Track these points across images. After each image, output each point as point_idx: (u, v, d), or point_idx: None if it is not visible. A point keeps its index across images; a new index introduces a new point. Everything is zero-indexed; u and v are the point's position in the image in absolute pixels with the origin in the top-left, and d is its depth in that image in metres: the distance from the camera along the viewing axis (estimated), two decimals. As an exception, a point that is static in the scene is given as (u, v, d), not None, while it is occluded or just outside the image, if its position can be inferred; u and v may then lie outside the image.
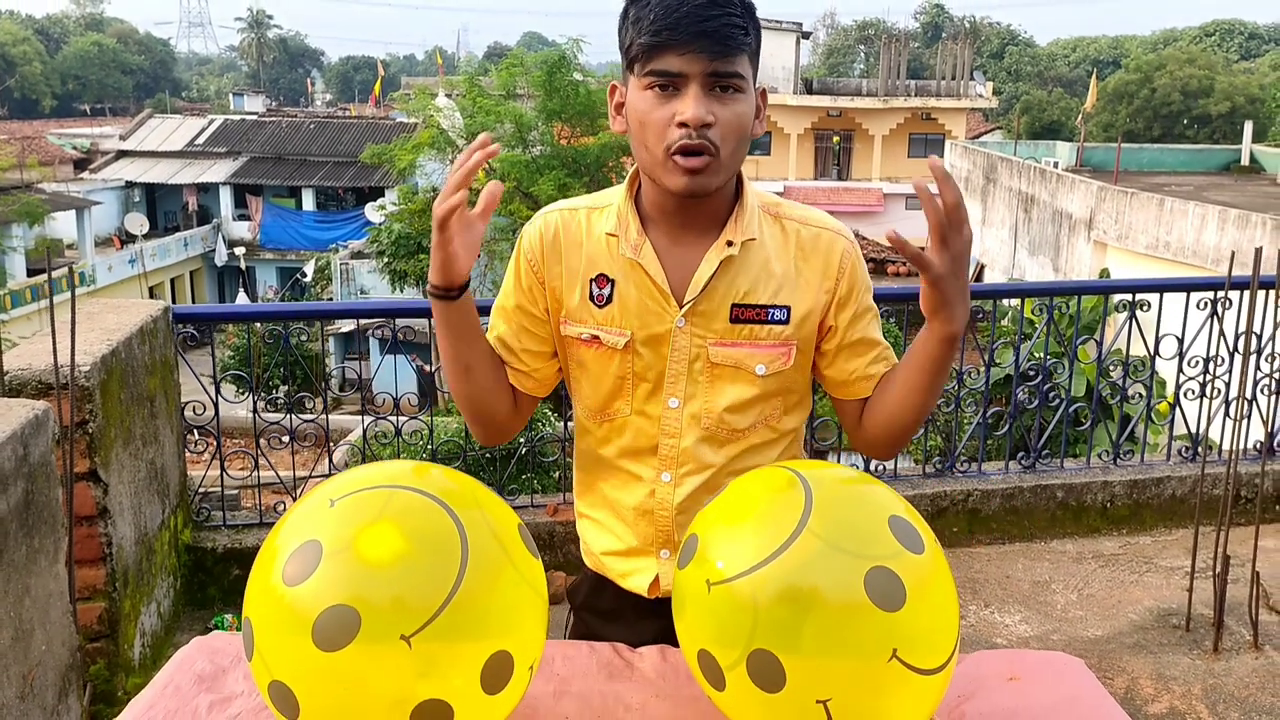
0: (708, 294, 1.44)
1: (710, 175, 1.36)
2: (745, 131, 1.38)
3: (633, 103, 1.38)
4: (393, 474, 1.19)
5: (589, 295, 1.47)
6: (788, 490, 1.18)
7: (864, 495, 1.20)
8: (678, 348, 1.46)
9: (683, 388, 1.47)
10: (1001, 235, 23.45)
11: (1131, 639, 3.35)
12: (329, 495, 1.15)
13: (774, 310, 1.44)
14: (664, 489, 1.51)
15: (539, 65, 24.45)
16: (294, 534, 1.12)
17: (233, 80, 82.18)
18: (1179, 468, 4.19)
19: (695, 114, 1.31)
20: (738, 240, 1.44)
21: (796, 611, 1.09)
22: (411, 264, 22.76)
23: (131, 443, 3.02)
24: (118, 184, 32.39)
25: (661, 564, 1.56)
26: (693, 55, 1.30)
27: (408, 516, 1.12)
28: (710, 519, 1.23)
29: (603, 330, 1.47)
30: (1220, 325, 4.00)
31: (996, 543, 3.99)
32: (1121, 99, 39.35)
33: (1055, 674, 1.43)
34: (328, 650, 1.05)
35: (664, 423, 1.49)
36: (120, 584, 2.89)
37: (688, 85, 1.32)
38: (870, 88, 33.90)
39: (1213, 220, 15.33)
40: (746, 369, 1.46)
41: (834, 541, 1.11)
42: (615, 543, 1.59)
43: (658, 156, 1.36)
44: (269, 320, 3.69)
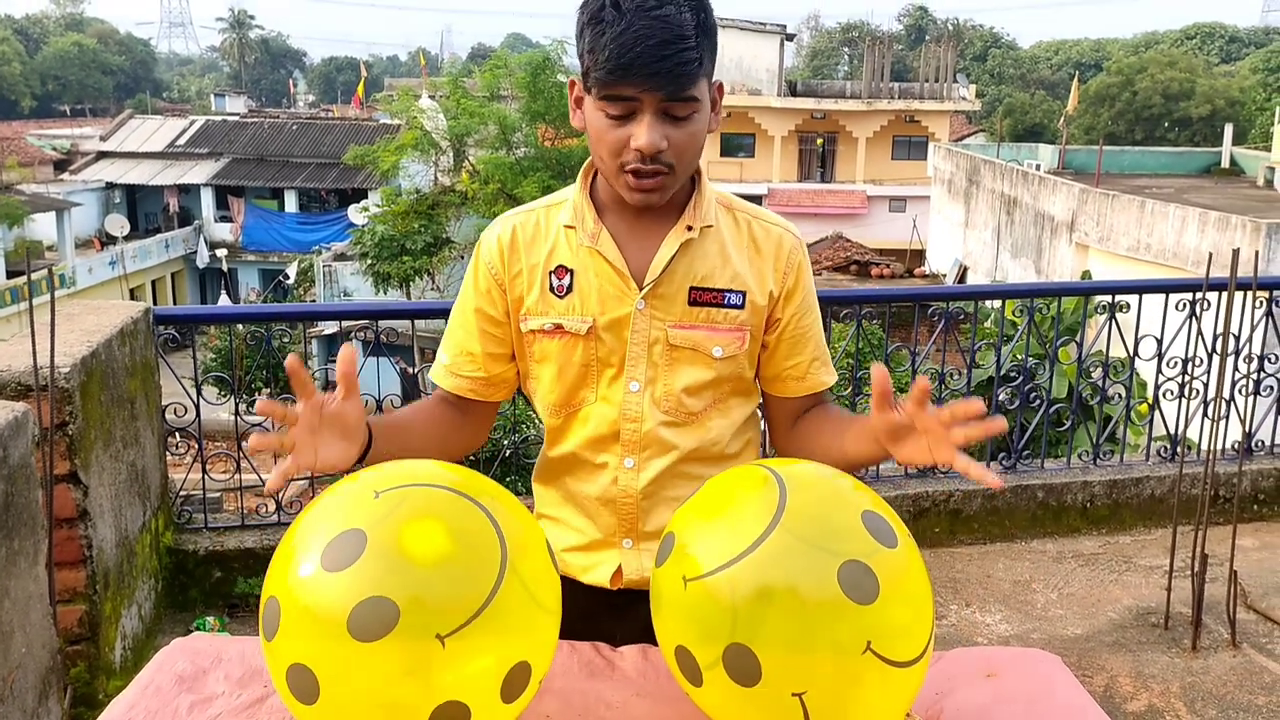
0: (667, 276, 1.47)
1: (663, 192, 1.41)
2: (699, 146, 1.42)
3: (589, 115, 1.41)
4: (433, 474, 1.19)
5: (549, 287, 1.49)
6: (762, 487, 1.19)
7: (837, 491, 1.21)
8: (638, 330, 1.48)
9: (643, 370, 1.49)
10: (984, 237, 23.57)
11: (1111, 637, 3.37)
12: (372, 487, 1.15)
13: (730, 294, 1.48)
14: (627, 475, 1.52)
15: (523, 67, 24.46)
16: (334, 521, 1.12)
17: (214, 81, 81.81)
18: (1158, 468, 4.23)
19: (649, 143, 1.34)
20: (697, 225, 1.47)
21: (771, 606, 1.10)
22: (395, 266, 22.72)
23: (112, 445, 3.00)
24: (98, 185, 32.20)
25: (624, 553, 1.56)
26: (646, 91, 1.33)
27: (452, 517, 1.12)
28: (686, 516, 1.24)
29: (565, 319, 1.49)
30: (1199, 326, 4.04)
31: (978, 543, 4.02)
32: (1103, 102, 39.64)
33: (1032, 670, 1.45)
34: (362, 640, 1.04)
35: (625, 407, 1.50)
36: (101, 586, 2.88)
37: (642, 112, 1.35)
38: (854, 90, 34.01)
39: (1193, 222, 15.45)
40: (704, 351, 1.48)
41: (807, 536, 1.12)
42: (577, 537, 1.59)
43: (612, 169, 1.40)
44: (250, 322, 3.68)
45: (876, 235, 29.91)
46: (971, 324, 4.12)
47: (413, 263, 22.84)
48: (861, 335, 4.00)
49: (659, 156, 1.36)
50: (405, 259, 22.81)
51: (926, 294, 4.32)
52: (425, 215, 23.50)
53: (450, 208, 24.18)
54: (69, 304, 3.43)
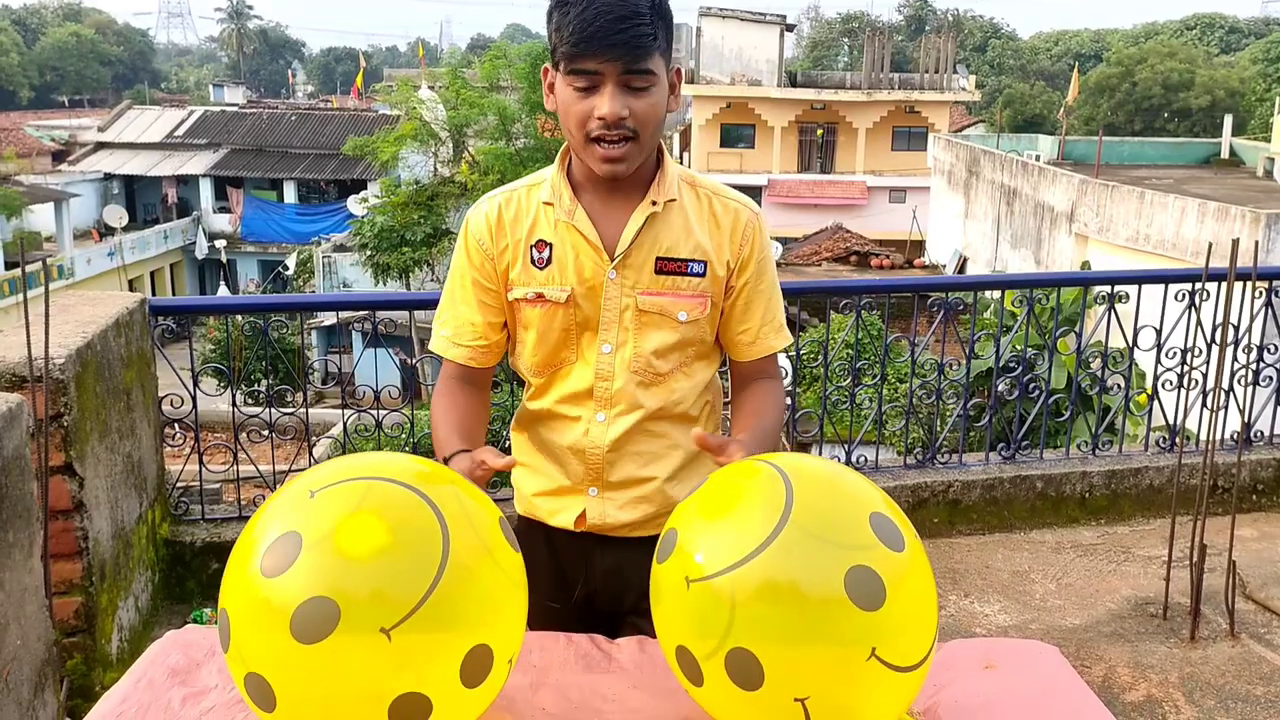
0: (636, 247, 1.61)
1: (629, 161, 1.54)
2: (659, 116, 1.55)
3: (559, 92, 1.55)
4: (373, 465, 1.18)
5: (530, 260, 1.64)
6: (768, 486, 1.17)
7: (845, 491, 1.20)
8: (610, 297, 1.62)
9: (615, 334, 1.64)
10: (984, 228, 23.54)
11: (1109, 628, 3.37)
12: (308, 486, 1.14)
13: (693, 264, 1.62)
14: (597, 428, 1.67)
15: (522, 57, 24.41)
16: (272, 525, 1.12)
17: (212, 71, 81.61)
18: (1156, 458, 4.22)
19: (611, 110, 1.49)
20: (661, 200, 1.61)
21: (776, 610, 1.09)
22: (394, 257, 22.67)
23: (108, 436, 2.99)
24: (96, 176, 32.15)
25: (589, 500, 1.70)
26: (608, 61, 1.47)
27: (389, 508, 1.11)
28: (689, 513, 1.22)
29: (545, 288, 1.63)
30: (1198, 316, 4.02)
31: (976, 533, 4.01)
32: (1103, 92, 39.55)
33: (1030, 662, 1.44)
34: (306, 642, 1.04)
35: (599, 367, 1.65)
36: (97, 578, 2.87)
37: (605, 83, 1.49)
38: (854, 81, 33.91)
39: (1192, 213, 15.42)
40: (670, 315, 1.63)
41: (814, 540, 1.11)
42: (546, 483, 1.74)
43: (580, 141, 1.54)
44: (248, 312, 3.67)
45: (876, 226, 29.86)
46: (971, 315, 4.10)
47: (412, 254, 22.79)
48: (861, 325, 3.99)
49: (622, 123, 1.50)
50: (405, 250, 22.75)
51: (926, 284, 4.31)
52: (425, 206, 23.45)
53: (450, 198, 24.13)
54: (65, 295, 3.41)
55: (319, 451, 7.94)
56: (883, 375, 4.19)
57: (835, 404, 4.15)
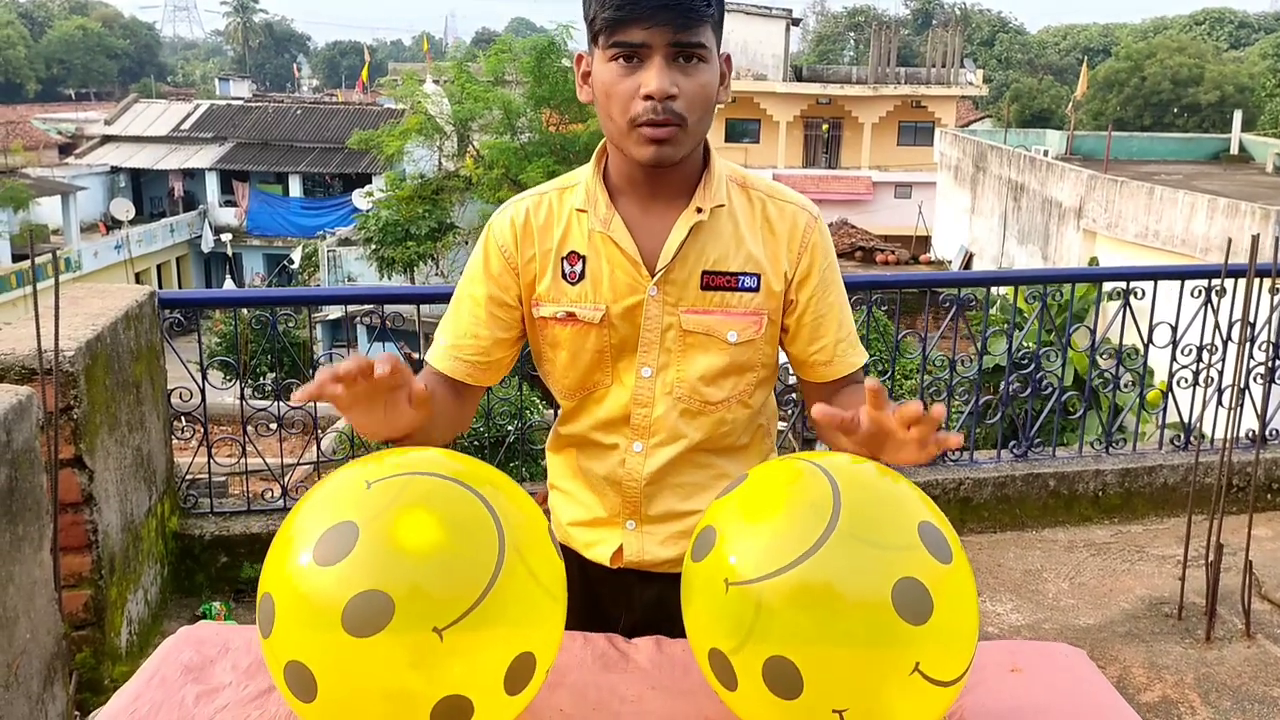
0: (679, 261, 1.44)
1: (676, 145, 1.36)
2: (710, 100, 1.38)
3: (598, 74, 1.37)
4: (430, 461, 1.16)
5: (561, 274, 1.47)
6: (814, 489, 1.13)
7: (893, 498, 1.16)
8: (650, 317, 1.45)
9: (655, 357, 1.47)
10: (991, 224, 23.47)
11: (1124, 628, 3.34)
12: (365, 477, 1.12)
13: (745, 278, 1.45)
14: (634, 459, 1.52)
15: (527, 51, 24.33)
16: (326, 513, 1.09)
17: (218, 65, 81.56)
18: (1171, 456, 4.19)
19: (659, 86, 1.31)
20: (707, 207, 1.44)
21: (820, 622, 1.05)
22: (399, 251, 22.68)
23: (117, 429, 2.98)
24: (103, 169, 32.16)
25: (626, 534, 1.56)
26: (655, 27, 1.30)
27: (447, 506, 1.09)
28: (728, 511, 1.19)
29: (577, 307, 1.47)
30: (1215, 314, 3.99)
31: (988, 531, 3.98)
32: (1112, 87, 39.38)
33: (1058, 666, 1.41)
34: (357, 636, 1.01)
35: (637, 392, 1.49)
36: (106, 571, 2.85)
37: (651, 56, 1.32)
38: (860, 75, 33.84)
39: (1202, 209, 15.35)
40: (718, 336, 1.46)
41: (862, 549, 1.07)
42: (582, 513, 1.59)
43: (623, 127, 1.36)
44: (255, 306, 3.65)
45: (882, 221, 29.79)
46: (982, 311, 4.07)
47: (417, 248, 22.79)
48: (871, 322, 3.96)
49: (670, 105, 1.32)
50: (409, 244, 22.76)
51: (938, 280, 4.29)
52: (429, 200, 23.45)
53: (454, 193, 24.12)
54: (74, 287, 3.40)
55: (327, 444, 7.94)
56: (893, 372, 4.16)
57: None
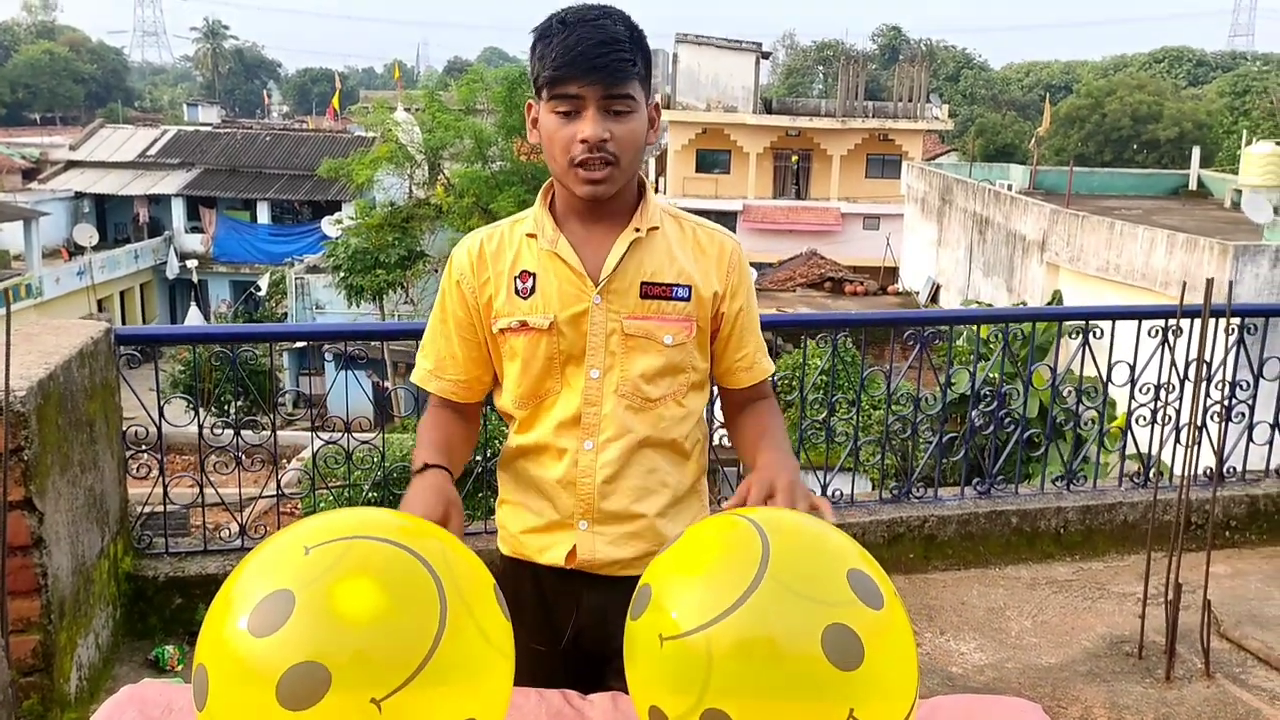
0: (620, 273, 1.64)
1: (610, 183, 1.58)
2: (638, 143, 1.59)
3: (542, 122, 1.59)
4: (371, 523, 1.14)
5: (514, 290, 1.66)
6: (744, 541, 1.14)
7: (822, 547, 1.17)
8: (595, 323, 1.64)
9: (601, 359, 1.64)
10: (957, 256, 23.71)
11: (1085, 667, 3.35)
12: (303, 541, 1.10)
13: (678, 288, 1.65)
14: (586, 457, 1.66)
15: (499, 81, 24.46)
16: (262, 580, 1.07)
17: (187, 91, 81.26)
18: (1131, 493, 4.22)
19: (593, 132, 1.53)
20: (644, 227, 1.65)
21: (751, 671, 1.06)
22: (368, 279, 22.57)
23: (69, 469, 2.92)
24: (67, 195, 31.83)
25: (579, 534, 1.68)
26: (589, 84, 1.52)
27: (387, 570, 1.07)
28: (664, 568, 1.19)
29: (529, 316, 1.65)
30: (1172, 353, 4.04)
31: (952, 569, 3.99)
32: (1073, 123, 40.08)
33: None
34: (293, 708, 0.99)
35: (586, 392, 1.65)
36: (56, 616, 2.79)
37: (586, 108, 1.53)
38: (829, 108, 34.19)
39: (1161, 244, 15.58)
40: (656, 339, 1.64)
41: (791, 597, 1.08)
42: (534, 519, 1.71)
43: (564, 167, 1.57)
44: (216, 342, 3.60)
45: (850, 252, 30.04)
46: (948, 347, 4.10)
47: (386, 276, 22.71)
48: (837, 355, 3.98)
49: (604, 146, 1.53)
50: (379, 272, 22.66)
51: (902, 318, 4.31)
52: (399, 228, 23.40)
53: (425, 221, 24.09)
54: (29, 324, 3.34)
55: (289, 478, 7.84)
56: (858, 407, 4.16)
57: (809, 435, 4.12)
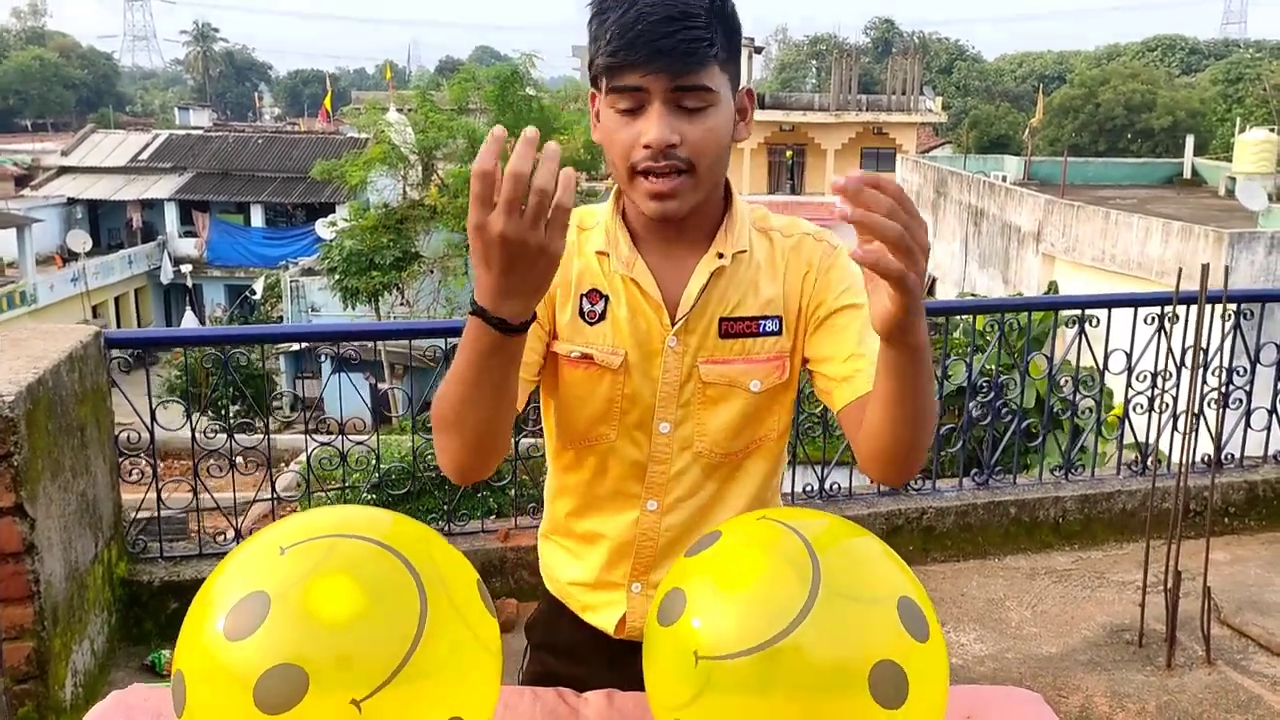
0: (699, 309, 1.36)
1: (682, 198, 1.29)
2: (720, 145, 1.31)
3: (602, 118, 1.31)
4: (349, 521, 1.12)
5: (580, 311, 1.38)
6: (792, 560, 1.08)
7: (874, 572, 1.11)
8: (669, 368, 1.37)
9: (673, 411, 1.39)
10: (953, 248, 23.71)
11: (1085, 656, 3.34)
12: (279, 541, 1.08)
13: (765, 321, 1.37)
14: (649, 519, 1.43)
15: (491, 80, 24.37)
16: (237, 582, 1.04)
17: (178, 94, 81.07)
18: (1129, 481, 4.21)
19: (658, 136, 1.24)
20: (728, 252, 1.36)
21: (793, 704, 1.02)
22: (363, 281, 22.49)
23: (61, 475, 2.90)
24: (59, 201, 31.73)
25: (632, 599, 1.47)
26: (653, 73, 1.22)
27: (365, 569, 1.05)
28: (700, 575, 1.13)
29: (595, 349, 1.37)
30: (1168, 340, 4.03)
31: (951, 560, 3.98)
32: (1067, 113, 40.04)
33: (1014, 713, 1.39)
34: (270, 712, 0.97)
35: (654, 449, 1.40)
36: (50, 622, 2.77)
37: (651, 103, 1.24)
38: (822, 102, 34.16)
39: (1156, 233, 15.59)
40: (740, 386, 1.38)
41: (840, 632, 1.03)
42: (584, 573, 1.50)
43: (626, 175, 1.30)
44: (208, 345, 3.58)
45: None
46: (943, 338, 4.09)
47: (381, 277, 22.62)
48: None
49: (672, 152, 1.25)
50: (374, 274, 22.57)
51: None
52: (394, 230, 23.31)
53: (419, 222, 24.00)
54: (17, 328, 3.33)
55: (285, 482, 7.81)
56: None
57: (806, 430, 4.10)
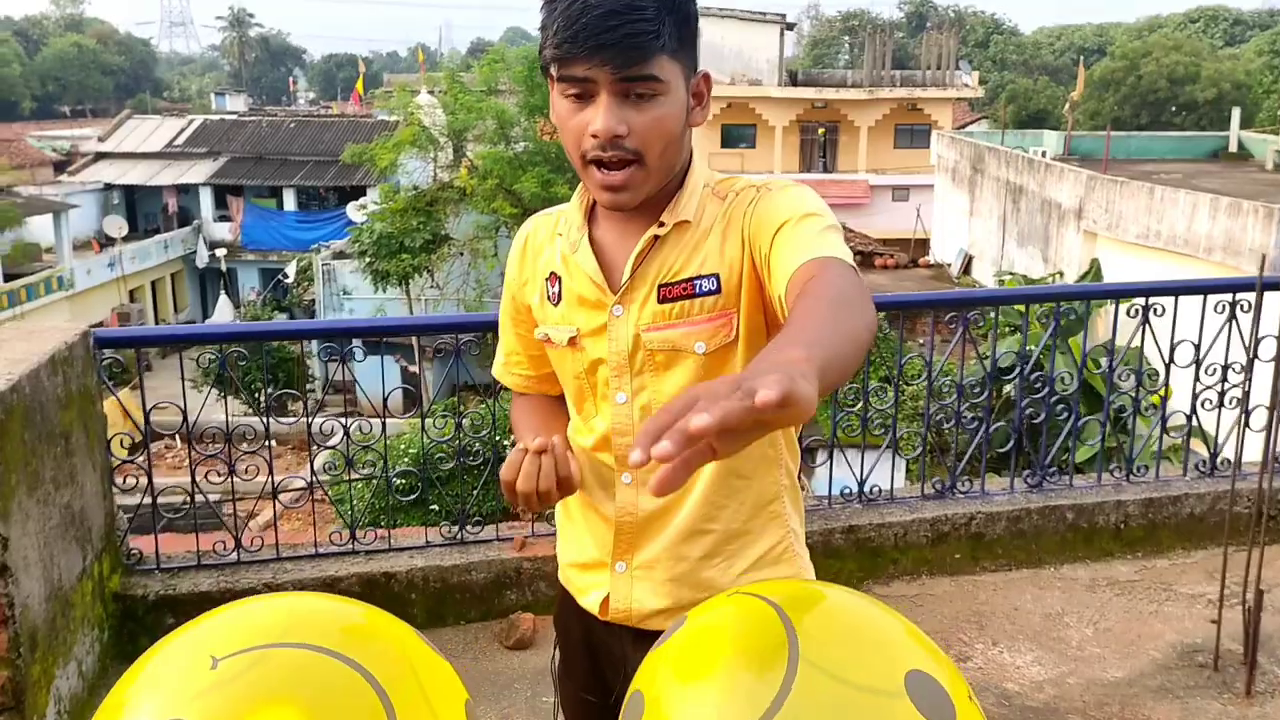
0: (639, 278, 1.37)
1: (634, 189, 1.29)
2: (670, 133, 1.28)
3: (554, 105, 1.32)
4: (304, 621, 0.87)
5: (546, 296, 1.46)
6: (763, 634, 0.86)
7: (870, 639, 0.89)
8: (615, 338, 1.39)
9: (628, 381, 1.40)
10: (990, 226, 23.20)
11: (1155, 681, 3.05)
12: (211, 647, 0.84)
13: (701, 281, 1.34)
14: (626, 493, 1.43)
15: (520, 60, 24.14)
16: (152, 704, 0.81)
17: (214, 80, 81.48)
18: (1196, 484, 3.90)
19: (604, 126, 1.24)
20: (669, 221, 1.36)
21: None
22: (393, 263, 22.40)
23: (39, 487, 2.69)
24: (96, 186, 31.92)
25: (615, 578, 1.46)
26: (598, 66, 1.22)
27: (317, 693, 0.80)
28: (661, 671, 0.91)
29: (553, 329, 1.44)
30: (1240, 330, 3.71)
31: (1002, 569, 3.69)
32: (1108, 87, 39.13)
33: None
34: None
35: (615, 420, 1.42)
36: (26, 649, 2.57)
37: (599, 92, 1.25)
38: (855, 79, 33.60)
39: (1204, 208, 15.10)
40: (685, 350, 1.36)
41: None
42: (577, 553, 1.52)
43: (578, 163, 1.31)
44: (201, 343, 3.36)
45: (880, 225, 29.49)
46: (991, 327, 3.79)
47: (411, 260, 22.52)
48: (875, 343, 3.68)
49: (620, 143, 1.25)
50: (404, 256, 22.47)
51: (947, 299, 4.00)
52: (424, 212, 23.19)
53: (449, 204, 23.89)
54: (1, 329, 3.12)
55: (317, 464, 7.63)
56: (896, 394, 3.86)
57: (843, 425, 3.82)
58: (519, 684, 3.03)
